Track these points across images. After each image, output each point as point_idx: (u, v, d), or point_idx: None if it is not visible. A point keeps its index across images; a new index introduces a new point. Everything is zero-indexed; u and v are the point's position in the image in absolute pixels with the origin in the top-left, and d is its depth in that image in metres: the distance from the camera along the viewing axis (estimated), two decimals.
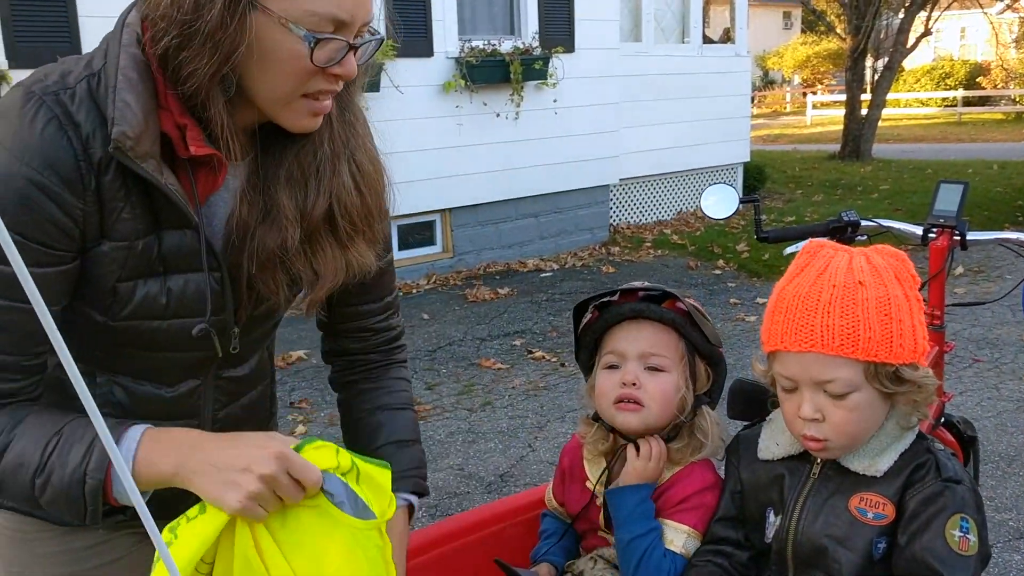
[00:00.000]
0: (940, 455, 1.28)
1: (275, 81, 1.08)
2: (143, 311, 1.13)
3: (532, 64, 7.45)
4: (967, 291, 6.74)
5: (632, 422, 1.46)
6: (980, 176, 12.34)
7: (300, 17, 1.04)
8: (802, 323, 1.25)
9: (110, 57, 1.06)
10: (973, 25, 28.51)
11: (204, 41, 1.02)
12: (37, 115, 1.02)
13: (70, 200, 1.04)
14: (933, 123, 24.34)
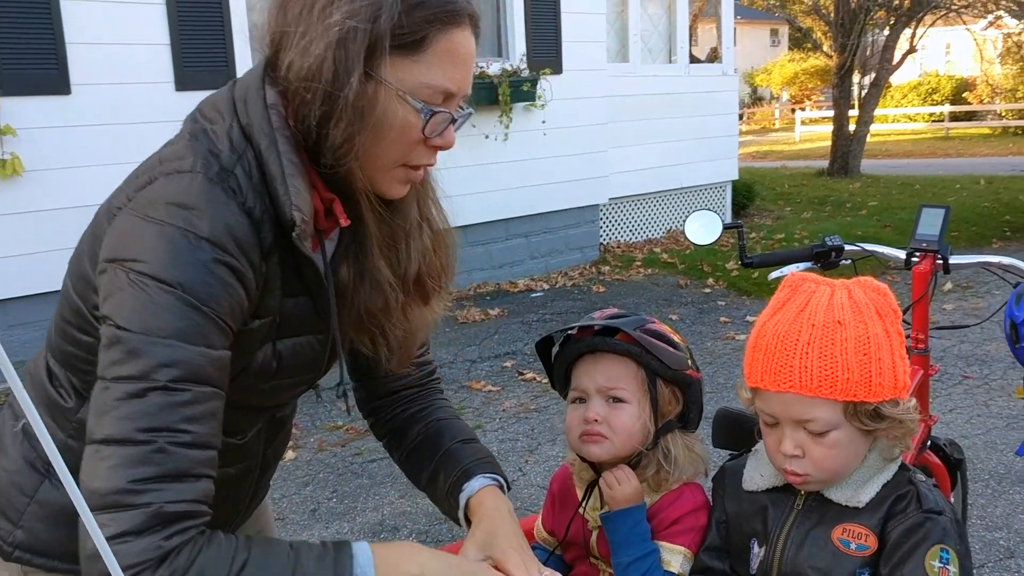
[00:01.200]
0: (921, 486, 1.28)
1: (385, 150, 1.11)
2: (255, 377, 1.16)
3: (520, 86, 7.49)
4: (955, 307, 6.77)
5: (597, 453, 1.48)
6: (968, 191, 12.43)
7: (415, 89, 1.08)
8: (781, 363, 1.25)
9: (262, 144, 1.08)
10: (958, 41, 28.78)
11: (346, 111, 1.06)
12: (227, 201, 1.05)
13: (252, 284, 1.08)
14: (921, 138, 24.52)
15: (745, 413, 1.74)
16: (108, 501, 0.96)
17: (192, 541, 1.00)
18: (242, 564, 1.01)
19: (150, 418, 0.98)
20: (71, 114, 5.44)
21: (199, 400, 1.02)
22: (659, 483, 1.49)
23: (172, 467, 0.99)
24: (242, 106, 1.11)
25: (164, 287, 1.00)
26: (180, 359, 1.00)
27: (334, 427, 4.75)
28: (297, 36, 1.07)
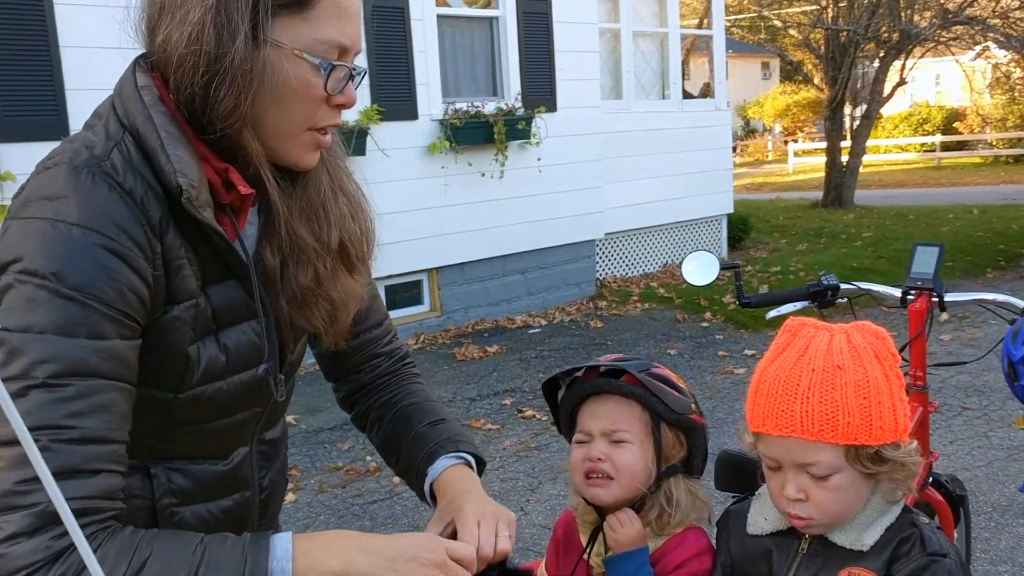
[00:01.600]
0: (925, 529, 1.29)
1: (288, 115, 1.10)
2: (208, 374, 1.13)
3: (515, 124, 7.56)
4: (952, 338, 6.79)
5: (601, 496, 1.49)
6: (961, 221, 12.50)
7: (309, 46, 1.08)
8: (782, 408, 1.26)
9: (137, 121, 1.07)
10: (947, 72, 29.08)
11: (234, 76, 1.04)
12: (95, 185, 1.02)
13: (143, 265, 1.04)
14: (913, 168, 24.70)
15: (747, 455, 1.74)
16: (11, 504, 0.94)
17: (90, 539, 0.96)
18: (144, 560, 0.97)
19: (31, 417, 0.94)
20: None
21: (85, 394, 0.97)
22: (662, 527, 1.50)
23: (58, 465, 0.95)
24: (117, 99, 1.11)
25: (38, 280, 0.98)
26: (58, 354, 0.96)
27: (334, 468, 4.74)
28: (174, 8, 1.06)
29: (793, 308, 2.31)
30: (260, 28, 1.05)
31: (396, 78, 7.04)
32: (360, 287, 1.29)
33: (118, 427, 1.02)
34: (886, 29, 14.48)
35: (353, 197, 1.28)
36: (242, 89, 1.05)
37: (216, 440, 1.20)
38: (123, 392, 1.03)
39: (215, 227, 1.08)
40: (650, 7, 9.84)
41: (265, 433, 1.30)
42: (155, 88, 1.09)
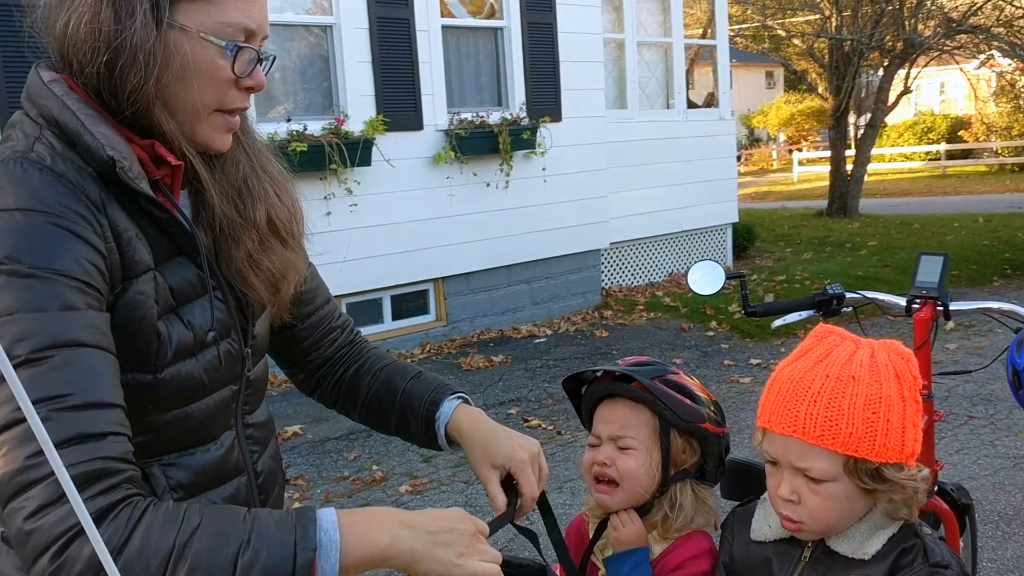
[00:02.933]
0: (927, 540, 1.29)
1: (195, 94, 1.12)
2: (179, 351, 1.14)
3: (520, 134, 7.58)
4: (959, 346, 6.78)
5: (608, 503, 1.54)
6: (966, 230, 12.49)
7: (215, 29, 1.10)
8: (788, 407, 1.27)
9: (52, 111, 1.07)
10: (952, 80, 29.09)
11: (134, 53, 1.06)
12: (27, 170, 1.03)
13: (94, 237, 1.04)
14: (918, 177, 24.68)
15: (752, 463, 1.75)
16: (13, 486, 0.92)
17: (129, 503, 0.95)
18: (193, 527, 0.96)
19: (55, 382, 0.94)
20: None
21: (72, 361, 0.96)
22: (666, 531, 1.52)
23: (64, 432, 0.93)
24: (27, 102, 1.11)
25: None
26: (34, 329, 0.95)
27: (340, 478, 4.75)
28: (66, 2, 1.08)
29: (798, 317, 2.32)
30: (161, 10, 1.07)
31: (401, 89, 7.08)
32: (298, 260, 1.34)
33: (114, 392, 1.01)
34: (890, 38, 14.49)
35: (275, 177, 1.32)
36: (143, 68, 1.07)
37: (201, 424, 1.20)
38: (108, 360, 1.02)
39: (152, 196, 1.10)
40: (654, 17, 9.87)
41: (248, 416, 1.31)
42: (63, 80, 1.11)
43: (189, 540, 0.95)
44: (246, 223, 1.24)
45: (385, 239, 7.01)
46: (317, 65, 6.88)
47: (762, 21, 17.58)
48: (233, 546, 0.96)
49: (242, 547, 0.96)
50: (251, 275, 1.24)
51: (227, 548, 0.96)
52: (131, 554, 0.92)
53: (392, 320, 7.42)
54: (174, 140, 1.13)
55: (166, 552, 0.93)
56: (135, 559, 0.92)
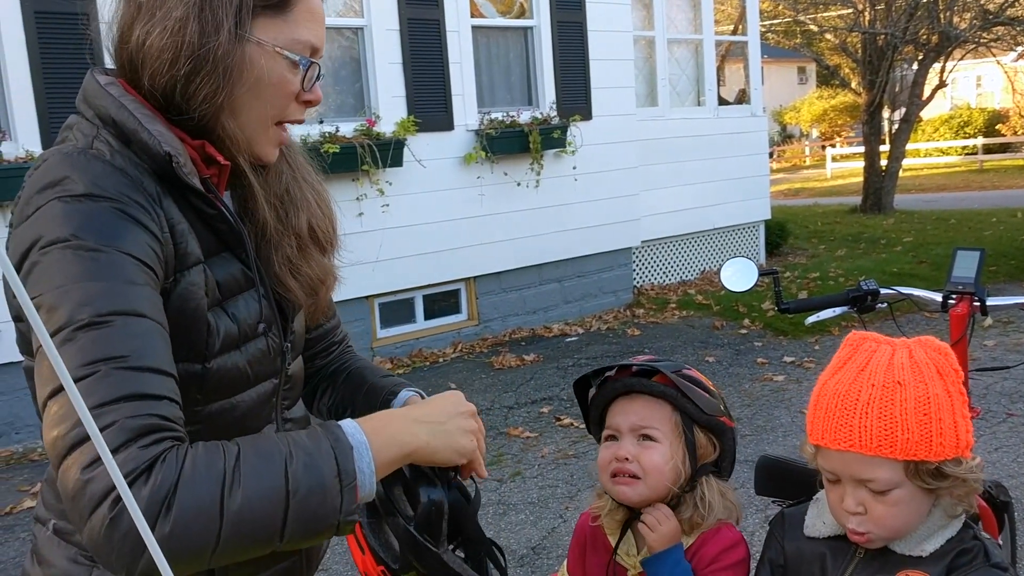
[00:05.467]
0: (988, 543, 1.29)
1: (262, 106, 1.18)
2: (226, 343, 1.17)
3: (551, 133, 7.59)
4: (997, 343, 6.69)
5: (628, 495, 1.50)
6: (1004, 225, 12.30)
7: (288, 45, 1.18)
8: (841, 422, 1.27)
9: (110, 111, 1.12)
10: (989, 74, 28.64)
11: (215, 65, 1.12)
12: (89, 161, 1.08)
13: (153, 225, 1.09)
14: (955, 172, 24.32)
15: (788, 460, 1.75)
16: (69, 439, 0.93)
17: (174, 449, 0.96)
18: (236, 454, 0.98)
19: (85, 353, 0.95)
20: None
21: (132, 328, 0.99)
22: (693, 526, 1.51)
23: (123, 389, 0.95)
24: (83, 106, 1.16)
25: (60, 245, 1.01)
26: (97, 294, 0.99)
27: None
28: (152, 11, 1.13)
29: (832, 314, 2.31)
30: (242, 26, 1.14)
31: (432, 89, 7.11)
32: (335, 268, 1.38)
33: (169, 363, 1.03)
34: (925, 31, 14.31)
35: (315, 187, 1.37)
36: (221, 79, 1.13)
37: (245, 416, 1.24)
38: (164, 335, 1.05)
39: (203, 192, 1.15)
40: (684, 14, 9.83)
41: (286, 411, 1.35)
42: (119, 83, 1.16)
43: (236, 464, 0.97)
44: (286, 229, 1.28)
45: (417, 239, 7.05)
46: (349, 67, 6.93)
47: (794, 16, 17.43)
48: (278, 459, 0.99)
49: (287, 459, 1.00)
50: (289, 279, 1.28)
51: (274, 462, 0.99)
52: (184, 489, 0.93)
53: (424, 320, 7.46)
54: (230, 144, 1.19)
55: (217, 477, 0.95)
56: (188, 493, 0.93)
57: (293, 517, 0.98)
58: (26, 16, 5.25)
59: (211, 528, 0.93)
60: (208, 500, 0.94)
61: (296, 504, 0.98)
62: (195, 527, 0.93)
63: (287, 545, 1.00)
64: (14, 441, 5.42)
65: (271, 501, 0.97)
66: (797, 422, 5.15)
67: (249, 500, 0.96)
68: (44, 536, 1.21)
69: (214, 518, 0.94)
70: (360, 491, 1.04)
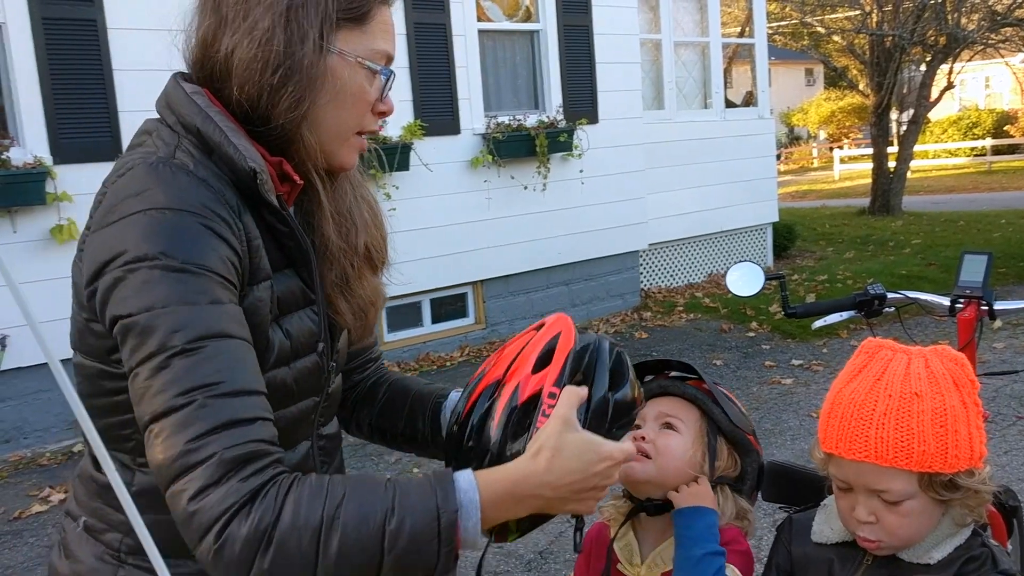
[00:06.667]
0: (996, 550, 1.29)
1: (344, 118, 1.21)
2: (278, 359, 1.19)
3: (557, 137, 7.59)
4: (1006, 345, 6.66)
5: (635, 469, 1.48)
6: (1013, 227, 12.25)
7: (367, 55, 1.20)
8: (857, 432, 1.26)
9: (195, 121, 1.14)
10: (997, 75, 28.55)
11: (301, 75, 1.15)
12: (175, 174, 1.09)
13: (233, 240, 1.11)
14: (963, 173, 24.24)
15: (795, 466, 1.74)
16: (175, 469, 0.98)
17: (275, 482, 1.00)
18: (338, 501, 1.00)
19: (181, 382, 0.99)
20: None
21: (222, 352, 1.03)
22: None
23: (219, 417, 0.99)
24: (166, 110, 1.18)
25: (148, 263, 1.03)
26: (188, 321, 1.02)
27: None
28: (238, 21, 1.15)
29: (840, 318, 2.30)
30: (326, 37, 1.16)
31: (438, 93, 7.12)
32: (383, 288, 1.39)
33: (258, 380, 1.07)
34: (932, 33, 14.27)
35: (372, 206, 1.37)
36: (307, 89, 1.15)
37: (283, 431, 1.23)
38: (251, 351, 1.08)
39: (279, 209, 1.17)
40: (691, 17, 9.82)
41: (322, 428, 1.35)
42: (204, 93, 1.17)
43: (336, 512, 0.99)
44: (348, 248, 1.30)
45: (424, 243, 7.05)
46: None
47: (801, 18, 17.41)
48: (380, 515, 1.00)
49: (388, 515, 1.00)
50: (340, 300, 1.29)
51: (374, 517, 1.00)
52: (283, 530, 0.97)
53: (431, 323, 7.47)
54: (308, 157, 1.21)
55: (316, 525, 0.98)
56: (287, 534, 0.97)
57: (386, 571, 1.00)
58: (34, 22, 5.28)
59: (306, 572, 0.98)
60: (305, 545, 0.98)
61: (390, 561, 1.00)
62: (292, 569, 0.97)
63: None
64: (23, 446, 5.44)
65: (366, 555, 0.99)
66: (805, 425, 5.14)
67: (344, 553, 0.98)
68: (74, 532, 1.24)
69: (309, 563, 0.98)
70: (461, 547, 1.04)
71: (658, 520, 1.52)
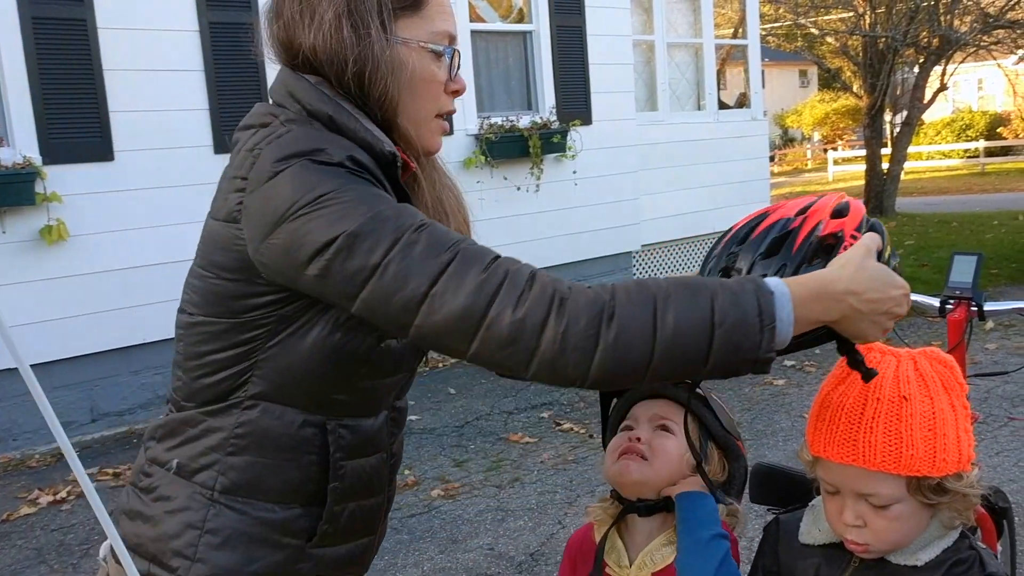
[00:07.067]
0: (984, 553, 1.28)
1: (421, 102, 1.25)
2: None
3: (550, 138, 7.58)
4: (998, 346, 6.66)
5: (631, 469, 1.47)
6: (1006, 228, 12.28)
7: (429, 39, 1.25)
8: (845, 436, 1.25)
9: (325, 108, 1.19)
10: (990, 76, 28.64)
11: (376, 65, 1.19)
12: (336, 137, 1.16)
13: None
14: (956, 175, 24.31)
15: (783, 468, 1.73)
16: (482, 301, 1.03)
17: (577, 281, 1.09)
18: (663, 281, 1.07)
19: (438, 245, 1.06)
20: (114, 180, 5.61)
21: (436, 224, 1.11)
22: None
23: (486, 253, 1.07)
24: (287, 100, 1.21)
25: (335, 194, 1.08)
26: (401, 211, 1.09)
27: None
28: (305, 20, 1.19)
29: None
30: (387, 28, 1.21)
31: None
32: None
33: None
34: (925, 35, 14.30)
35: (455, 192, 1.41)
36: (387, 78, 1.20)
37: (377, 398, 1.31)
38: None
39: (404, 192, 1.22)
40: (684, 18, 9.83)
41: (397, 401, 1.39)
42: (326, 84, 1.22)
43: (667, 288, 1.06)
44: None
45: None
46: None
47: (794, 20, 17.44)
48: (706, 292, 1.05)
49: (714, 293, 1.05)
50: None
51: (702, 295, 1.05)
52: (620, 302, 1.04)
53: None
54: (409, 145, 1.26)
55: (650, 299, 1.04)
56: (625, 307, 1.03)
57: (717, 346, 1.03)
58: (24, 22, 5.25)
59: (647, 344, 1.02)
60: (644, 318, 1.03)
61: (721, 334, 1.03)
62: (635, 340, 1.02)
63: (709, 372, 1.06)
64: (11, 448, 5.41)
65: (698, 328, 1.03)
66: (797, 426, 5.13)
67: (679, 323, 1.03)
68: (166, 477, 1.27)
69: (648, 336, 1.02)
70: (777, 335, 1.06)
71: (647, 521, 1.51)
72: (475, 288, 1.03)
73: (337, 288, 1.08)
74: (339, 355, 1.20)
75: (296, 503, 1.26)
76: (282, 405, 1.22)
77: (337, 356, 1.20)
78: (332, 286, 1.08)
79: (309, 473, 1.24)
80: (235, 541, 1.22)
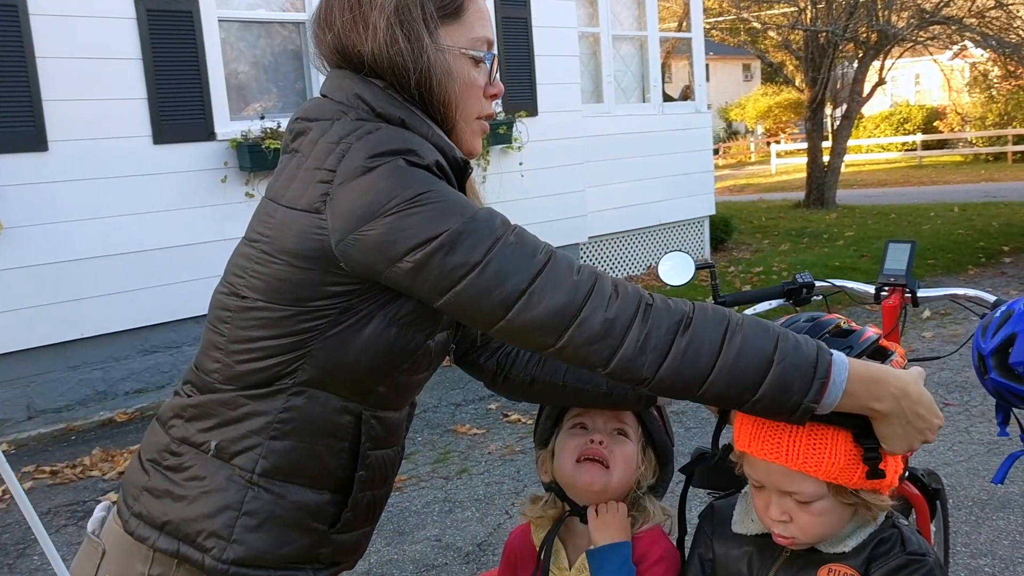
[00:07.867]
0: (904, 530, 1.31)
1: (464, 106, 1.30)
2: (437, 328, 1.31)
3: (497, 129, 7.57)
4: (935, 334, 6.84)
5: (596, 478, 1.47)
6: (942, 219, 12.60)
7: (470, 45, 1.29)
8: (769, 435, 1.25)
9: (397, 112, 1.23)
10: (927, 71, 29.31)
11: (431, 71, 1.24)
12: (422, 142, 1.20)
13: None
14: (895, 167, 24.86)
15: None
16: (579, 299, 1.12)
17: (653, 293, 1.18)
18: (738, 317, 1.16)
19: (532, 248, 1.15)
20: (49, 170, 5.45)
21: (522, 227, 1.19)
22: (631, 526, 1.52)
23: (572, 258, 1.17)
24: (353, 100, 1.24)
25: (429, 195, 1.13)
26: (492, 215, 1.17)
27: None
28: (359, 28, 1.24)
29: (769, 306, 2.33)
30: (432, 38, 1.25)
31: None
32: None
33: None
34: (864, 30, 14.58)
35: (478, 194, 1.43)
36: (444, 84, 1.25)
37: (408, 393, 1.36)
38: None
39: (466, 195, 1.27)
40: (629, 11, 9.88)
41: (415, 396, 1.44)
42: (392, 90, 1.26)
43: (740, 320, 1.16)
44: None
45: None
46: (291, 62, 6.83)
47: (738, 14, 17.65)
48: (772, 332, 1.15)
49: (780, 336, 1.15)
50: None
51: (768, 333, 1.15)
52: (698, 319, 1.14)
53: None
54: (462, 148, 1.31)
55: (723, 323, 1.15)
56: (701, 323, 1.14)
57: (771, 380, 1.13)
58: None
59: (711, 359, 1.13)
60: (715, 336, 1.13)
61: (777, 370, 1.13)
62: (703, 352, 1.13)
63: (753, 405, 1.15)
64: None
65: (759, 358, 1.13)
66: None
67: (744, 348, 1.13)
68: (199, 457, 1.27)
69: (714, 352, 1.13)
70: (827, 392, 1.14)
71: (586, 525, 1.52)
72: (571, 288, 1.12)
73: (431, 282, 1.13)
74: (391, 349, 1.24)
75: (327, 489, 1.29)
76: (327, 392, 1.25)
77: (388, 350, 1.24)
78: (426, 280, 1.13)
79: (340, 460, 1.28)
80: (270, 524, 1.26)
